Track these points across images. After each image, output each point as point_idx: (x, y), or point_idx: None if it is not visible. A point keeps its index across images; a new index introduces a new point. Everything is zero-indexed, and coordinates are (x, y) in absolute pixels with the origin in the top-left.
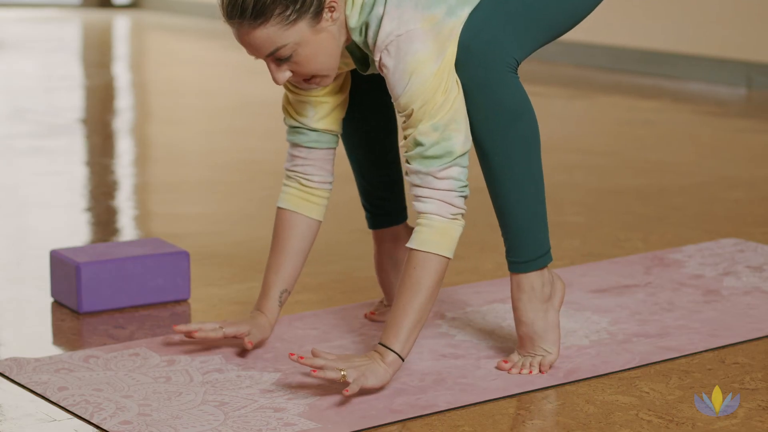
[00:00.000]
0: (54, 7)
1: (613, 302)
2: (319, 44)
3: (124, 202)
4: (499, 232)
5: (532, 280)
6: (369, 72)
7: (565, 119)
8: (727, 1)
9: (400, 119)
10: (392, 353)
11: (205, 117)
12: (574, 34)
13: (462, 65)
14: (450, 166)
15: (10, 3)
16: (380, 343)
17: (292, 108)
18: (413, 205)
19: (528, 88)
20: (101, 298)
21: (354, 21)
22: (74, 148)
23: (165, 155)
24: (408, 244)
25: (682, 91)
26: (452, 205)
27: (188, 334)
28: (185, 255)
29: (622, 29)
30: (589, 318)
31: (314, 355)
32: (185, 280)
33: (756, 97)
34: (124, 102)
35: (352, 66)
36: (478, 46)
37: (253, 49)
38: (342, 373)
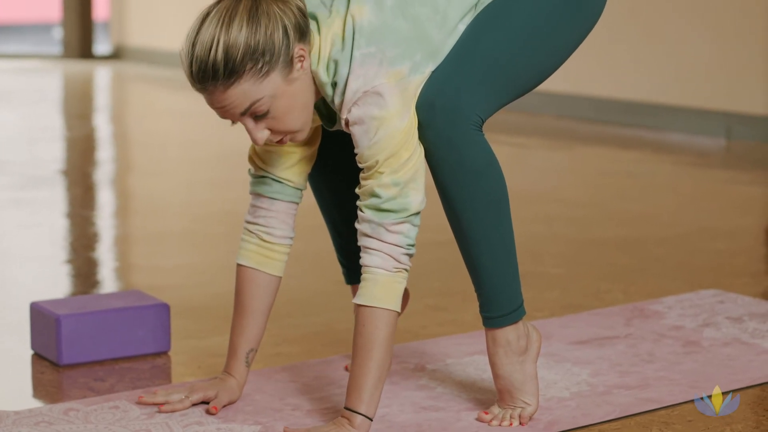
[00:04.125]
0: (35, 58)
1: (594, 354)
2: (294, 94)
3: (105, 253)
4: None
5: (507, 333)
6: (335, 128)
7: (546, 170)
8: (707, 53)
9: (360, 169)
10: (359, 416)
11: (186, 168)
12: (555, 85)
13: (426, 123)
14: (403, 222)
15: None
16: (345, 408)
17: (258, 158)
18: (360, 257)
19: (509, 139)
20: (81, 350)
21: (323, 77)
22: (55, 200)
23: (146, 207)
24: (354, 300)
25: (662, 142)
26: (397, 261)
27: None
28: (165, 307)
29: (603, 80)
30: (569, 370)
31: None
32: (165, 332)
33: (735, 148)
34: (105, 153)
35: (318, 122)
36: (442, 104)
37: (229, 110)
38: None
